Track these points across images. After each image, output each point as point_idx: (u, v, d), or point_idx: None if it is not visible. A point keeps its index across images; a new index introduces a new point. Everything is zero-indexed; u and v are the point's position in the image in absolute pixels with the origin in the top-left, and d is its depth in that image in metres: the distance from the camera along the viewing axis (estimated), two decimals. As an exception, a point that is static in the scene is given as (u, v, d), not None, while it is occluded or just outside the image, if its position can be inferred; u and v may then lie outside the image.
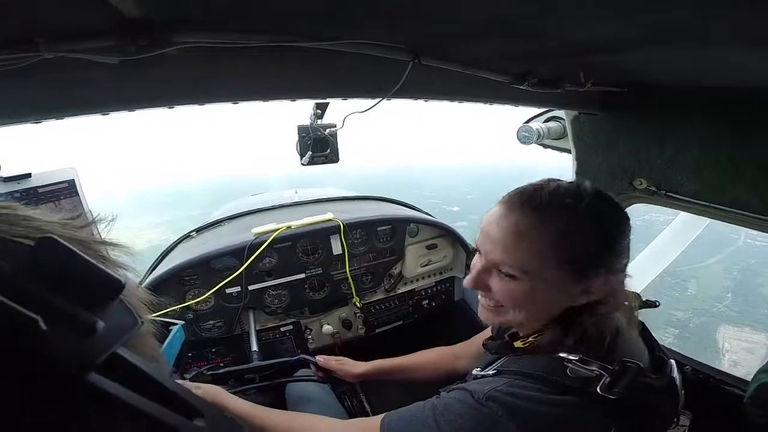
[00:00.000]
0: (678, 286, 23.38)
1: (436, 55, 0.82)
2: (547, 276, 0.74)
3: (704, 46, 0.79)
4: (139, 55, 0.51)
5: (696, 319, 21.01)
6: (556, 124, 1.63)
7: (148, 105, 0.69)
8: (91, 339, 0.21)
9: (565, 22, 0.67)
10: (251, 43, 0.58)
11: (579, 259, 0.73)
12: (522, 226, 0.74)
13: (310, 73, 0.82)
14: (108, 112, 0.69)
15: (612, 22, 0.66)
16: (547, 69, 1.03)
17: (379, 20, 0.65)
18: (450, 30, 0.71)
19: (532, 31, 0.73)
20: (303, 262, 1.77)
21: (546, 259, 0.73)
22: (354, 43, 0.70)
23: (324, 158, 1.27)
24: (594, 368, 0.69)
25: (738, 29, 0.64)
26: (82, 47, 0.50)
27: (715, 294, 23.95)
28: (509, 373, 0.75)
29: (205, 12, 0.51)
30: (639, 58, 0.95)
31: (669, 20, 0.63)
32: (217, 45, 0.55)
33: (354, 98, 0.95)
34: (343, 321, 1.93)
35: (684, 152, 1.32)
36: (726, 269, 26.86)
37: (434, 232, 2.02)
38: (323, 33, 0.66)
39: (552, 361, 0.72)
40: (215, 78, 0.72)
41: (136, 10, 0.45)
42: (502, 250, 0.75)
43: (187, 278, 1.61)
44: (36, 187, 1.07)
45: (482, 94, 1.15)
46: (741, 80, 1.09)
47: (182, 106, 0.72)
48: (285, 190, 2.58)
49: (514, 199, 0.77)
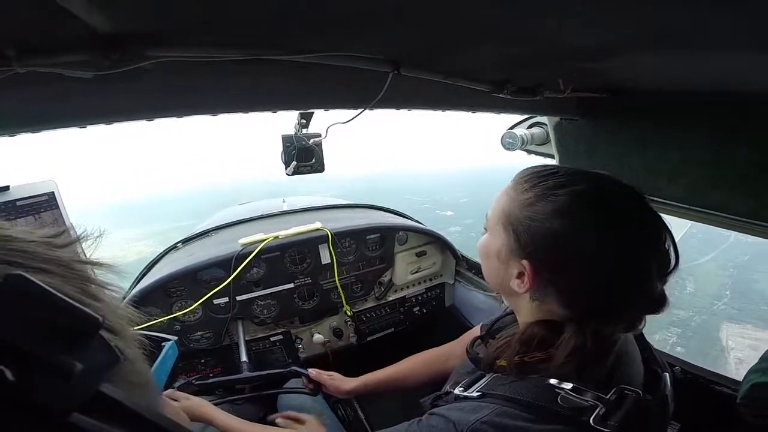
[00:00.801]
0: (677, 285, 23.45)
1: (416, 66, 0.82)
2: (495, 233, 0.76)
3: (684, 51, 0.80)
4: (113, 69, 0.51)
5: (697, 318, 20.90)
6: (540, 130, 1.65)
7: (125, 118, 0.69)
8: (69, 382, 0.21)
9: (544, 31, 0.68)
10: (227, 57, 0.59)
11: (520, 230, 0.71)
12: (506, 189, 0.78)
13: (290, 84, 0.82)
14: (85, 125, 0.68)
15: (591, 29, 0.67)
16: (526, 77, 1.04)
17: (357, 33, 0.66)
18: (429, 41, 0.72)
19: (511, 40, 0.74)
20: (291, 271, 1.76)
21: (500, 218, 0.75)
22: (333, 56, 0.70)
23: (309, 168, 1.27)
24: (588, 398, 0.62)
25: (718, 34, 0.65)
26: (54, 61, 0.50)
27: (714, 292, 24.06)
28: (495, 397, 0.68)
29: (179, 26, 0.51)
30: (618, 64, 0.96)
31: (649, 26, 0.63)
32: (193, 59, 0.55)
33: (336, 109, 0.95)
34: (334, 330, 1.92)
35: (664, 156, 1.34)
36: (721, 267, 27.02)
37: (423, 240, 2.03)
38: (301, 46, 0.66)
39: (542, 387, 0.66)
40: (194, 91, 0.72)
41: (107, 24, 0.45)
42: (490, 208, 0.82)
43: (174, 290, 1.60)
44: (15, 200, 1.05)
45: (463, 104, 1.16)
46: (721, 85, 1.11)
47: (161, 119, 0.72)
48: (273, 199, 2.57)
49: (521, 171, 0.80)
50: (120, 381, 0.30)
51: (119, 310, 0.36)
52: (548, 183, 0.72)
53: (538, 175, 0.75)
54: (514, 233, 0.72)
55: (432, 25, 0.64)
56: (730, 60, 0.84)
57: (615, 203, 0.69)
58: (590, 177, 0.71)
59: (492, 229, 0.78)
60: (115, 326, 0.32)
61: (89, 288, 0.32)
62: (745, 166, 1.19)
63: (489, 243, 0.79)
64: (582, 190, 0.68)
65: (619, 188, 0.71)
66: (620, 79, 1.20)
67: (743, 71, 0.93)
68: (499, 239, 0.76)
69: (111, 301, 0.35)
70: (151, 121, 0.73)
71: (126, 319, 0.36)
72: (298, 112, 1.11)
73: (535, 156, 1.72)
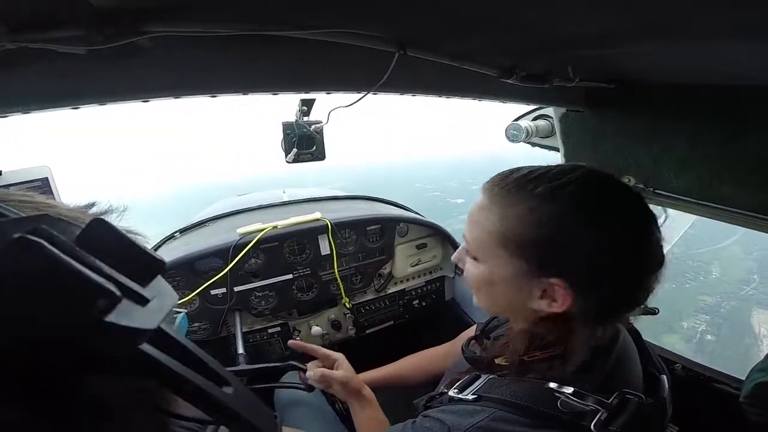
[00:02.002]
0: (702, 270, 22.76)
1: (423, 47, 0.79)
2: (497, 261, 0.68)
3: (695, 41, 0.78)
4: (107, 44, 0.48)
5: (726, 304, 20.16)
6: (545, 122, 1.62)
7: (119, 98, 0.66)
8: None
9: (554, 15, 0.66)
10: (227, 32, 0.56)
11: (533, 250, 0.64)
12: (482, 205, 0.70)
13: (292, 65, 0.79)
14: (78, 106, 0.65)
15: (602, 15, 0.65)
16: (535, 63, 1.02)
17: (362, 9, 0.63)
18: (438, 20, 0.69)
19: (522, 23, 0.72)
20: (290, 262, 1.74)
21: (497, 242, 0.67)
22: (336, 32, 0.67)
23: (310, 156, 1.24)
24: (589, 403, 0.60)
25: (729, 25, 0.63)
26: (46, 37, 0.47)
27: (741, 276, 23.46)
28: (491, 400, 0.66)
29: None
30: (627, 53, 0.94)
31: (660, 14, 0.62)
32: (190, 34, 0.52)
33: (338, 92, 0.92)
34: (333, 322, 1.90)
35: (671, 149, 1.33)
36: (745, 250, 26.26)
37: (424, 232, 2.01)
38: (303, 21, 0.63)
39: (540, 390, 0.63)
40: (191, 70, 0.69)
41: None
42: (468, 229, 0.73)
43: (170, 280, 1.57)
44: (7, 185, 1.02)
45: (470, 90, 1.13)
46: (730, 77, 1.08)
47: (157, 99, 0.69)
48: (272, 190, 2.55)
49: (490, 179, 0.73)
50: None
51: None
52: (516, 177, 0.68)
53: (524, 180, 0.67)
54: (529, 254, 0.65)
55: (440, 5, 0.61)
56: (738, 52, 0.82)
57: (611, 194, 0.67)
58: (576, 171, 0.67)
59: (487, 256, 0.69)
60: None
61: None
62: (754, 160, 1.17)
63: (489, 273, 0.70)
64: (579, 187, 0.64)
65: (602, 177, 0.68)
66: (629, 70, 1.17)
67: (752, 64, 0.91)
68: (506, 266, 0.67)
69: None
70: (147, 102, 0.70)
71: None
72: (299, 97, 1.08)
73: (539, 149, 1.70)
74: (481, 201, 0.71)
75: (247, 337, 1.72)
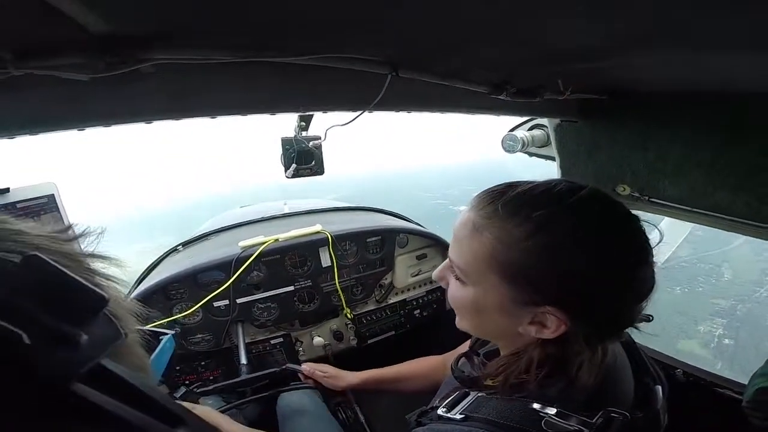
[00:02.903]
0: (713, 272, 21.84)
1: (414, 68, 0.82)
2: (487, 286, 0.65)
3: (685, 52, 0.79)
4: (109, 72, 0.51)
5: (741, 307, 19.09)
6: (540, 132, 1.65)
7: (123, 121, 0.69)
8: (75, 351, 0.23)
9: (542, 32, 0.68)
10: (225, 59, 0.59)
11: (526, 278, 0.62)
12: (474, 224, 0.65)
13: (288, 86, 0.82)
14: (83, 128, 0.68)
15: (590, 30, 0.66)
16: (525, 78, 1.04)
17: (355, 35, 0.66)
18: (427, 42, 0.72)
19: (510, 41, 0.74)
20: (292, 274, 1.76)
21: (487, 264, 0.64)
22: (331, 57, 0.70)
23: (309, 171, 1.27)
24: (572, 423, 0.59)
25: (719, 34, 0.64)
26: (50, 64, 0.50)
27: (753, 278, 22.56)
28: (478, 420, 0.64)
29: (176, 29, 0.51)
30: (618, 65, 0.95)
31: (649, 26, 0.63)
32: (190, 62, 0.55)
33: (335, 111, 0.95)
34: (335, 333, 1.91)
35: (665, 157, 1.34)
36: (755, 251, 25.32)
37: (423, 242, 2.02)
38: (299, 48, 0.66)
39: (525, 411, 0.62)
40: (191, 93, 0.72)
41: (102, 26, 0.45)
42: (454, 248, 0.69)
43: (174, 292, 1.60)
44: (15, 202, 1.05)
45: (463, 105, 1.16)
46: (722, 85, 1.10)
47: (159, 122, 0.72)
48: (274, 202, 2.58)
49: (481, 195, 0.68)
50: (120, 361, 0.31)
51: (122, 301, 0.37)
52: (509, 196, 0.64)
53: (521, 201, 0.63)
54: (523, 282, 0.62)
55: (430, 26, 0.64)
56: (730, 60, 0.83)
57: (611, 222, 0.64)
58: (575, 194, 0.63)
59: (477, 280, 0.66)
60: (117, 313, 0.34)
61: (94, 279, 0.35)
62: (747, 168, 1.18)
63: (477, 298, 0.67)
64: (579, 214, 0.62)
65: (603, 202, 0.65)
66: (620, 81, 1.19)
67: (744, 71, 0.92)
68: (496, 292, 0.65)
69: (114, 292, 0.37)
70: (150, 124, 0.73)
71: (129, 311, 0.38)
72: (297, 114, 1.11)
73: (536, 158, 1.72)
74: (472, 219, 0.66)
75: (249, 347, 1.73)
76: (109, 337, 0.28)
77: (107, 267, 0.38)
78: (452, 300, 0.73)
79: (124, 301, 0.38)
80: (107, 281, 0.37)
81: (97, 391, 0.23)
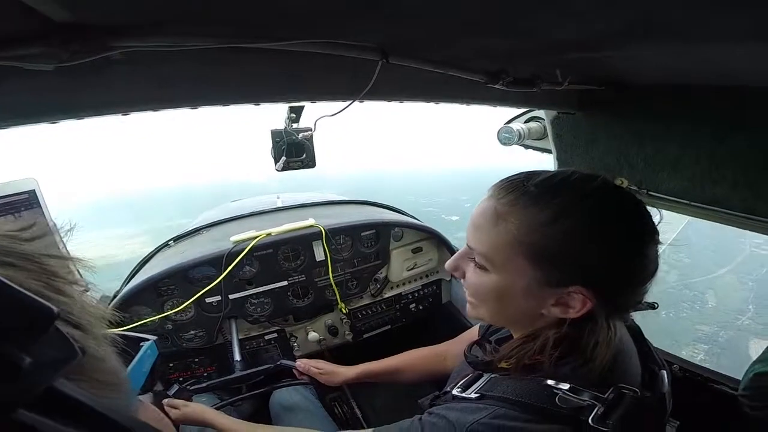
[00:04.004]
0: (698, 299, 22.80)
1: (406, 54, 0.78)
2: (514, 269, 0.67)
3: (684, 43, 0.77)
4: (74, 61, 0.48)
5: (723, 333, 20.11)
6: (537, 125, 1.62)
7: (96, 113, 0.65)
8: (16, 379, 0.20)
9: (541, 19, 0.65)
10: (201, 46, 0.55)
11: (555, 259, 0.64)
12: (497, 212, 0.67)
13: (274, 75, 0.78)
14: (54, 121, 0.64)
15: (590, 17, 0.64)
16: (522, 67, 1.01)
17: (342, 18, 0.62)
18: (419, 27, 0.69)
19: (507, 28, 0.71)
20: (285, 269, 1.73)
21: (514, 249, 0.65)
22: (317, 43, 0.66)
23: (300, 163, 1.23)
24: (585, 398, 0.62)
25: (718, 26, 0.63)
26: (11, 54, 0.47)
27: (736, 306, 23.40)
28: (493, 399, 0.68)
29: (144, 14, 0.48)
30: (618, 55, 0.93)
31: (650, 15, 0.61)
32: (162, 49, 0.52)
33: (323, 101, 0.91)
34: (329, 327, 1.89)
35: (664, 150, 1.32)
36: (740, 279, 26.41)
37: (419, 236, 2.00)
38: (283, 33, 0.62)
39: (540, 387, 0.65)
40: (169, 82, 0.68)
41: (63, 13, 0.42)
42: (473, 234, 0.70)
43: (165, 288, 1.57)
44: (-6, 198, 1.02)
45: (457, 95, 1.13)
46: (721, 78, 1.08)
47: (136, 113, 0.68)
48: (266, 196, 2.54)
49: (501, 183, 0.70)
50: (84, 379, 0.30)
51: (89, 306, 0.35)
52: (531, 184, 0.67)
53: (544, 187, 0.66)
54: (550, 264, 0.65)
55: (421, 10, 0.60)
56: (730, 53, 0.82)
57: (627, 206, 0.68)
58: (593, 181, 0.67)
59: (503, 265, 0.68)
60: (81, 322, 0.32)
61: (55, 282, 0.32)
62: (745, 161, 1.16)
63: (504, 283, 0.69)
64: (600, 199, 0.66)
65: (618, 190, 0.69)
66: (619, 72, 1.16)
67: (744, 64, 0.90)
68: (523, 276, 0.67)
69: (79, 297, 0.34)
70: (126, 116, 0.69)
71: (97, 317, 0.35)
72: (286, 105, 1.07)
73: (532, 151, 1.69)
74: (494, 206, 0.68)
75: (243, 344, 1.72)
76: (61, 357, 0.25)
77: (71, 270, 0.35)
78: (472, 288, 0.74)
79: (93, 307, 0.35)
80: (71, 285, 0.34)
81: (46, 418, 0.21)
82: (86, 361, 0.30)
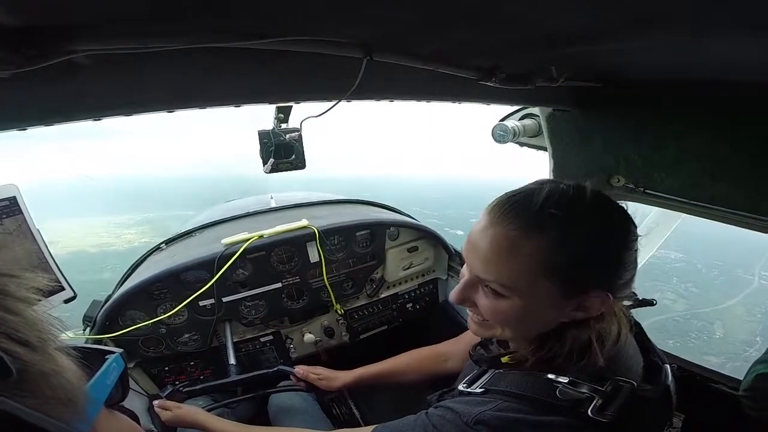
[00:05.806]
0: (705, 329, 23.18)
1: (391, 51, 0.75)
2: (536, 291, 0.68)
3: (684, 36, 0.75)
4: (31, 66, 0.44)
5: (730, 365, 20.54)
6: (532, 122, 1.58)
7: (65, 119, 0.62)
8: None
9: (534, 10, 0.62)
10: (172, 47, 0.52)
11: (573, 272, 0.67)
12: (508, 239, 0.67)
13: (253, 75, 0.75)
14: (22, 128, 0.61)
15: (586, 8, 0.61)
16: (516, 63, 0.98)
17: (322, 13, 0.59)
18: (404, 21, 0.65)
19: (498, 20, 0.67)
20: (279, 271, 1.71)
21: (535, 273, 0.67)
22: (296, 41, 0.63)
23: (289, 165, 1.21)
24: (584, 390, 0.66)
25: (716, 19, 0.61)
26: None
27: (743, 338, 23.74)
28: (496, 392, 0.73)
29: (101, 16, 0.44)
30: (614, 49, 0.90)
31: (648, 5, 0.59)
32: (124, 51, 0.48)
33: (307, 101, 0.88)
34: (326, 329, 1.88)
35: (662, 148, 1.29)
36: (748, 311, 26.77)
37: (415, 235, 1.97)
38: (259, 31, 0.59)
39: (541, 381, 0.69)
40: (140, 85, 0.65)
41: (9, 18, 0.39)
42: (487, 266, 0.69)
43: (157, 292, 1.55)
44: (-26, 206, 0.98)
45: (449, 92, 1.09)
46: (720, 73, 1.05)
47: (109, 118, 0.65)
48: (260, 196, 2.51)
49: (502, 208, 0.70)
50: (30, 395, 0.32)
51: (40, 323, 0.36)
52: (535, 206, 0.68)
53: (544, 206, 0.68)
54: (567, 277, 0.67)
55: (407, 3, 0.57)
56: (729, 47, 0.79)
57: (612, 211, 0.72)
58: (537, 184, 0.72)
59: (527, 290, 0.69)
60: (29, 339, 0.33)
61: (3, 301, 0.33)
62: (746, 158, 1.14)
63: (527, 305, 0.69)
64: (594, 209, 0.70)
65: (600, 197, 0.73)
66: (615, 67, 1.13)
67: (743, 59, 0.88)
68: (545, 294, 0.68)
69: (29, 313, 0.35)
70: (98, 121, 0.66)
71: (50, 333, 0.36)
72: (273, 105, 1.04)
73: (527, 148, 1.66)
74: (505, 235, 0.68)
75: (239, 346, 1.70)
76: None
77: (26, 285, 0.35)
78: (489, 313, 0.74)
79: (45, 322, 0.36)
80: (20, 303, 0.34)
81: None
82: (31, 378, 0.32)
